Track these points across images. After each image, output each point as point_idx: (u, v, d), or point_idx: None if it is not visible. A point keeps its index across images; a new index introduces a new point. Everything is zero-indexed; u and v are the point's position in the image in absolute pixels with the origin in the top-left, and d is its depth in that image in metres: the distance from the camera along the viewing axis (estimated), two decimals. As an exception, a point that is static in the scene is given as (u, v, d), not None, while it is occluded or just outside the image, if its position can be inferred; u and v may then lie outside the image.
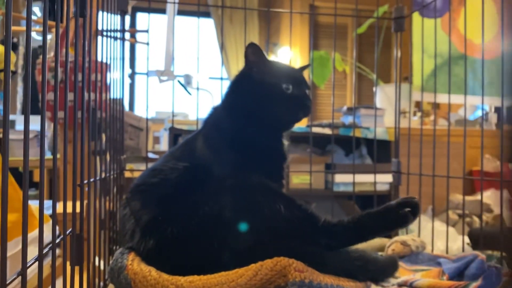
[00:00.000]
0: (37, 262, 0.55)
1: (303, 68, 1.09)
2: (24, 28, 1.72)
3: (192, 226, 0.78)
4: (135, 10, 5.21)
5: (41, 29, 0.60)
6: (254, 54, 0.98)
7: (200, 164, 0.90)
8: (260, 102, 0.95)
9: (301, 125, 2.23)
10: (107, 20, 1.10)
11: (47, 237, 0.65)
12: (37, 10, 2.34)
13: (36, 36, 2.91)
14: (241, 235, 0.78)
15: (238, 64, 5.31)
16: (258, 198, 0.82)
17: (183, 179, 0.87)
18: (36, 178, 2.60)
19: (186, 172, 0.88)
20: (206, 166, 0.89)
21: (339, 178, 2.18)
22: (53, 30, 1.39)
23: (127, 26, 1.37)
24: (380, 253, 1.19)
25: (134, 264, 0.77)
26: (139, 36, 1.80)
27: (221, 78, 1.70)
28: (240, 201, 0.80)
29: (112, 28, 1.16)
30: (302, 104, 0.95)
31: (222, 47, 5.34)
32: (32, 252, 0.56)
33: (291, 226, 0.81)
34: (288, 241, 0.78)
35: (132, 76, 5.34)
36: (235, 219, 0.78)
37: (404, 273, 1.00)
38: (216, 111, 1.03)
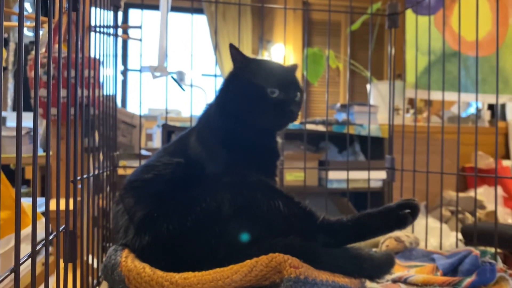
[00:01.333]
0: (30, 260, 0.55)
1: (294, 68, 1.04)
2: (15, 23, 1.70)
3: (189, 222, 0.78)
4: (128, 6, 5.18)
5: (33, 24, 0.59)
6: (238, 55, 0.96)
7: (194, 160, 0.89)
8: (244, 105, 0.94)
9: (295, 122, 2.23)
10: (99, 16, 1.09)
11: (40, 234, 0.65)
12: (28, 6, 2.32)
13: (27, 32, 2.88)
14: (240, 232, 0.78)
15: (231, 61, 5.28)
16: (257, 196, 0.81)
17: (177, 175, 0.86)
18: (28, 175, 2.58)
19: (180, 168, 0.88)
20: (200, 163, 0.89)
21: (333, 175, 2.18)
22: (45, 25, 1.38)
23: (119, 22, 1.36)
24: (374, 249, 1.19)
25: (128, 261, 0.76)
26: (132, 32, 1.78)
27: (215, 75, 1.69)
28: (239, 198, 0.80)
29: (105, 24, 1.15)
30: (286, 110, 0.92)
31: (216, 44, 5.32)
32: (25, 249, 0.55)
33: (290, 223, 0.81)
34: (283, 238, 0.78)
35: (124, 72, 5.31)
36: (233, 216, 0.78)
37: (398, 269, 1.00)
38: (209, 108, 1.02)
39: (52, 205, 0.65)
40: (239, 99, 0.95)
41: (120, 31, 1.78)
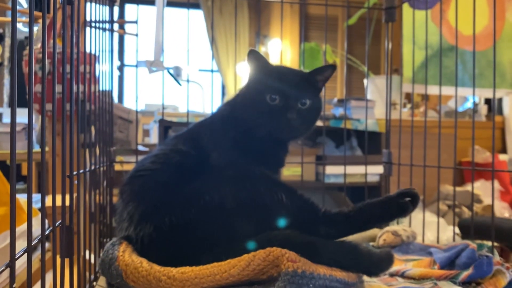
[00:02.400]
0: (26, 256, 0.54)
1: (318, 71, 0.97)
2: (9, 18, 1.69)
3: (192, 215, 0.78)
4: (124, 1, 5.15)
5: (27, 20, 0.58)
6: (255, 60, 0.96)
7: (200, 151, 0.89)
8: (246, 111, 0.94)
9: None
10: (95, 10, 1.09)
11: (36, 231, 0.64)
12: (22, 1, 2.30)
13: (22, 27, 2.86)
14: (242, 225, 0.78)
15: (228, 56, 5.28)
16: (260, 189, 0.82)
17: (183, 165, 0.86)
18: (25, 171, 2.57)
19: (187, 158, 0.88)
20: (205, 154, 0.89)
21: (330, 169, 2.18)
22: (40, 20, 1.37)
23: (115, 17, 1.35)
24: (371, 243, 1.19)
25: (125, 255, 0.76)
26: (128, 28, 1.78)
27: (211, 71, 1.69)
28: (242, 192, 0.81)
29: (101, 19, 1.14)
30: (282, 118, 0.90)
31: (212, 39, 5.30)
32: (22, 245, 0.55)
33: (292, 215, 0.81)
34: (281, 231, 0.78)
35: (121, 68, 5.29)
36: (236, 209, 0.78)
37: (396, 263, 1.00)
38: (227, 105, 1.02)
39: (49, 201, 0.65)
40: (244, 104, 0.95)
41: (116, 26, 1.76)
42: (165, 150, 0.91)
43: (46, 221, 0.65)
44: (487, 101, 3.54)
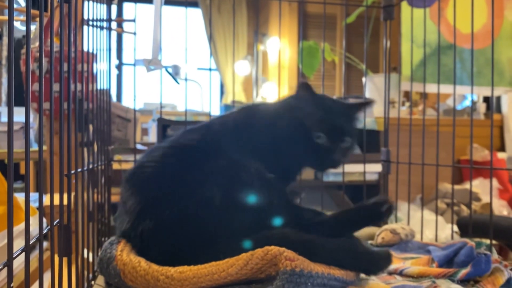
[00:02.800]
0: (24, 255, 0.54)
1: (360, 107, 1.00)
2: (6, 17, 1.68)
3: (191, 211, 0.78)
4: None
5: (25, 18, 0.58)
6: (305, 91, 0.94)
7: (213, 151, 0.88)
8: (289, 145, 0.92)
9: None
10: (93, 9, 1.08)
11: (35, 230, 0.64)
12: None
13: (20, 26, 2.85)
14: (239, 222, 0.78)
15: (226, 55, 5.27)
16: (254, 185, 0.82)
17: (182, 162, 0.86)
18: (23, 170, 2.56)
19: (197, 154, 0.87)
20: (218, 154, 0.87)
21: (329, 168, 2.18)
22: (37, 19, 1.37)
23: (113, 16, 1.35)
24: (370, 242, 1.19)
25: (123, 255, 0.76)
26: (126, 26, 1.77)
27: (210, 69, 1.68)
28: (238, 188, 0.80)
29: (99, 18, 1.14)
30: (327, 159, 0.91)
31: (211, 37, 5.30)
32: (20, 245, 0.55)
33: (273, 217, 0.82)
34: (280, 230, 0.78)
35: (119, 66, 5.28)
36: (232, 206, 0.78)
37: (394, 261, 1.00)
38: (258, 115, 0.99)
39: (47, 200, 0.65)
40: (287, 136, 0.92)
41: (114, 24, 1.76)
42: (175, 143, 0.91)
43: (44, 220, 0.65)
44: (486, 99, 3.54)
